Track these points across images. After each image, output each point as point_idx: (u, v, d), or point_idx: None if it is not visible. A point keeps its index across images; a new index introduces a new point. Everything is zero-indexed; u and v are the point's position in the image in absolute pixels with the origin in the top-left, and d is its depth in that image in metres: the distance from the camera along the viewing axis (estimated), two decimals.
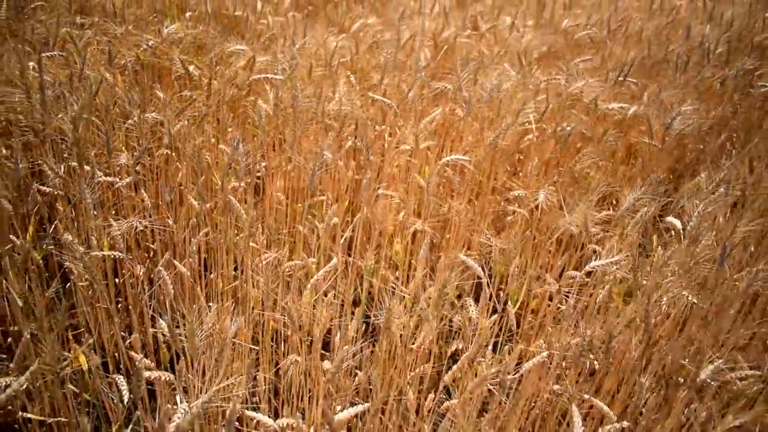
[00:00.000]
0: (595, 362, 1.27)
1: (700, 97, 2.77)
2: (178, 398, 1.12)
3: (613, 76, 2.50)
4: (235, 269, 1.70)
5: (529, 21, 3.13)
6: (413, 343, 1.26)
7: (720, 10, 3.55)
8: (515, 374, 1.25)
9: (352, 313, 1.50)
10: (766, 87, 2.77)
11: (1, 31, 2.43)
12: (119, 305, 1.78)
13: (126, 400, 1.23)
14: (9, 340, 1.61)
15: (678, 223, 1.51)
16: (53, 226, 1.71)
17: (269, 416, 1.09)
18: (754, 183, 1.75)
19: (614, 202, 2.29)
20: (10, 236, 1.45)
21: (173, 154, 1.77)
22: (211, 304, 1.45)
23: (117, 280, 1.80)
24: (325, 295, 1.29)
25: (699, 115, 2.56)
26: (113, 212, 1.84)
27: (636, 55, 2.67)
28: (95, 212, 1.46)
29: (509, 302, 1.42)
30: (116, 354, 1.58)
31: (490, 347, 1.25)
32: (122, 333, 1.61)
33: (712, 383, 1.19)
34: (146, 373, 1.14)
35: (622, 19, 3.03)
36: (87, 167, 1.56)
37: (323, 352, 1.44)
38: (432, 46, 2.52)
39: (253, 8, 2.90)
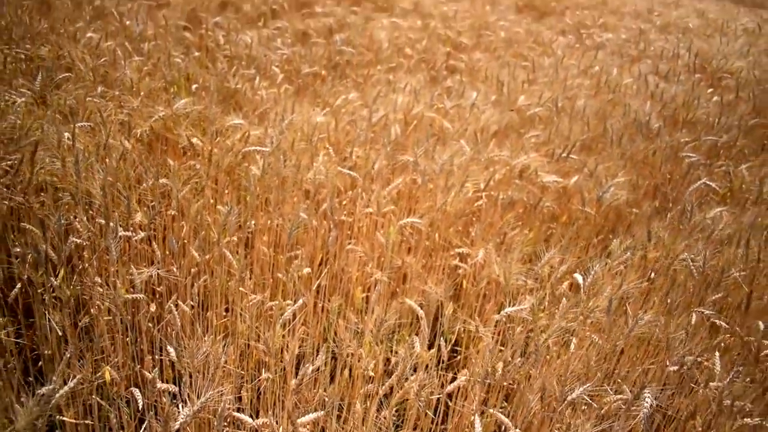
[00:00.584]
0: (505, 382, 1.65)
1: (634, 167, 3.21)
2: (180, 406, 1.49)
3: (557, 151, 2.94)
4: (227, 310, 2.08)
5: (492, 96, 3.57)
6: (363, 368, 1.64)
7: (664, 87, 4.02)
8: (440, 394, 1.63)
9: (318, 346, 1.88)
10: (691, 157, 3.21)
11: (36, 100, 2.86)
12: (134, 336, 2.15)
13: (141, 405, 1.59)
14: (40, 363, 1.97)
15: (580, 279, 1.90)
16: (79, 269, 2.09)
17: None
18: (652, 247, 2.16)
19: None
20: (50, 278, 1.84)
21: (179, 214, 2.16)
22: (206, 337, 1.83)
23: (130, 317, 2.17)
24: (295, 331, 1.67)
25: (630, 186, 2.99)
26: (128, 260, 2.22)
27: (578, 132, 3.11)
28: (117, 261, 1.85)
29: (442, 339, 1.79)
30: (129, 378, 1.94)
31: (422, 373, 1.62)
32: (134, 359, 1.98)
33: (592, 403, 1.58)
34: (157, 384, 1.50)
35: (570, 98, 3.48)
36: (111, 224, 1.96)
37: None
38: (402, 121, 2.95)
39: (252, 82, 3.34)
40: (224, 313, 2.05)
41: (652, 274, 2.24)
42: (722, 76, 4.86)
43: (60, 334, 1.67)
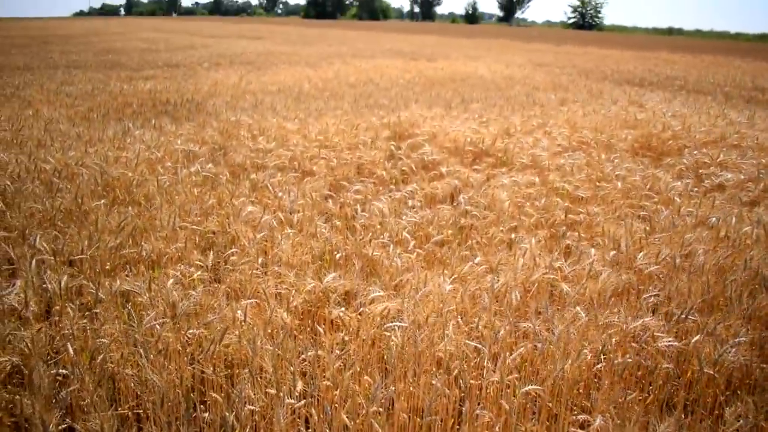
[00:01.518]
0: None
1: (759, 323, 3.26)
2: None
3: (675, 311, 3.09)
4: None
5: (611, 252, 3.78)
6: None
7: None
8: None
9: None
10: None
11: (210, 277, 3.45)
12: None
13: None
14: None
15: None
16: None
17: None
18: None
19: None
20: None
21: (332, 384, 2.55)
22: None
23: None
24: None
25: (754, 344, 3.05)
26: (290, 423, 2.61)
27: (697, 292, 3.25)
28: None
29: None
30: None
31: None
32: None
33: None
34: None
35: (688, 254, 3.63)
36: (280, 394, 2.37)
37: None
38: (522, 286, 3.24)
39: (386, 249, 3.79)
40: None
41: None
42: None
43: None
